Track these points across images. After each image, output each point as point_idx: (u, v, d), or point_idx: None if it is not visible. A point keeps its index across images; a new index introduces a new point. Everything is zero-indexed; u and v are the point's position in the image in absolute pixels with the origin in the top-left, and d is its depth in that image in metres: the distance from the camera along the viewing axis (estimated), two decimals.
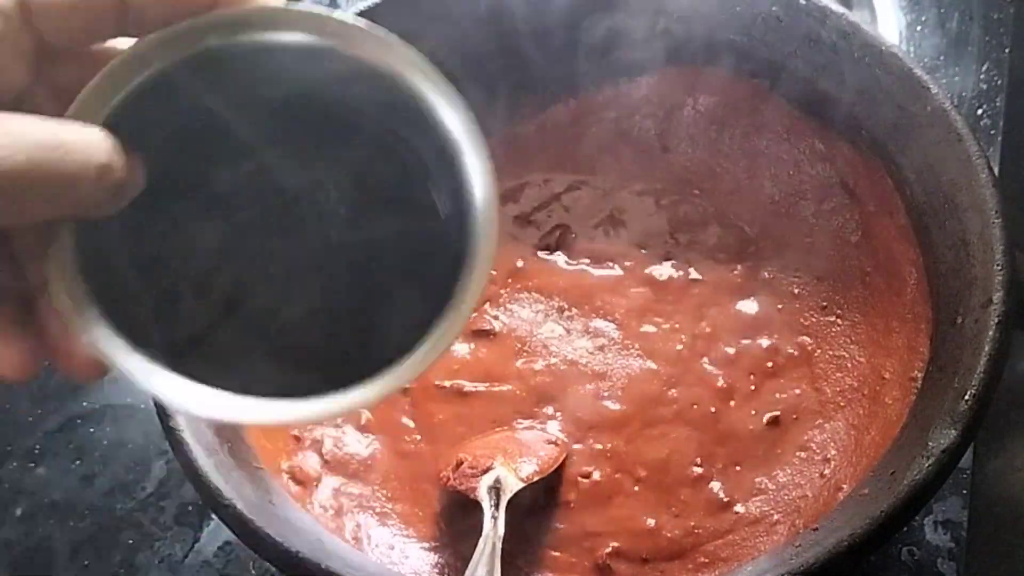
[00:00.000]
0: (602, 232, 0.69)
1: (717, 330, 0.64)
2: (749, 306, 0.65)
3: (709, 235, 0.68)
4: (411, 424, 0.62)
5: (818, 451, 0.59)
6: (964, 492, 0.61)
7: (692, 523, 0.57)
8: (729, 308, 0.65)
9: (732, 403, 0.61)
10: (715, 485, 0.59)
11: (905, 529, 0.60)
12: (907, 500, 0.47)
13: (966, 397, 0.49)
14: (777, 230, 0.67)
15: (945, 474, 0.48)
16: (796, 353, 0.63)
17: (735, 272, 0.66)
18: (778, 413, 0.61)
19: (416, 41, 0.74)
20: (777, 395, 0.61)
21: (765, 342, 0.63)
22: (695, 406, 0.61)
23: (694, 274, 0.66)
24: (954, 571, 0.59)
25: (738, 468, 0.59)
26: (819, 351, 0.63)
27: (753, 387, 0.62)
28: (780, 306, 0.64)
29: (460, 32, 0.68)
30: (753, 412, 0.61)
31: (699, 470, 0.59)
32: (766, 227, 0.67)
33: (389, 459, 0.61)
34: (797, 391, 0.61)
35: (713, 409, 0.61)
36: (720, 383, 0.62)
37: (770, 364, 0.62)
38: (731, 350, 0.63)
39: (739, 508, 0.58)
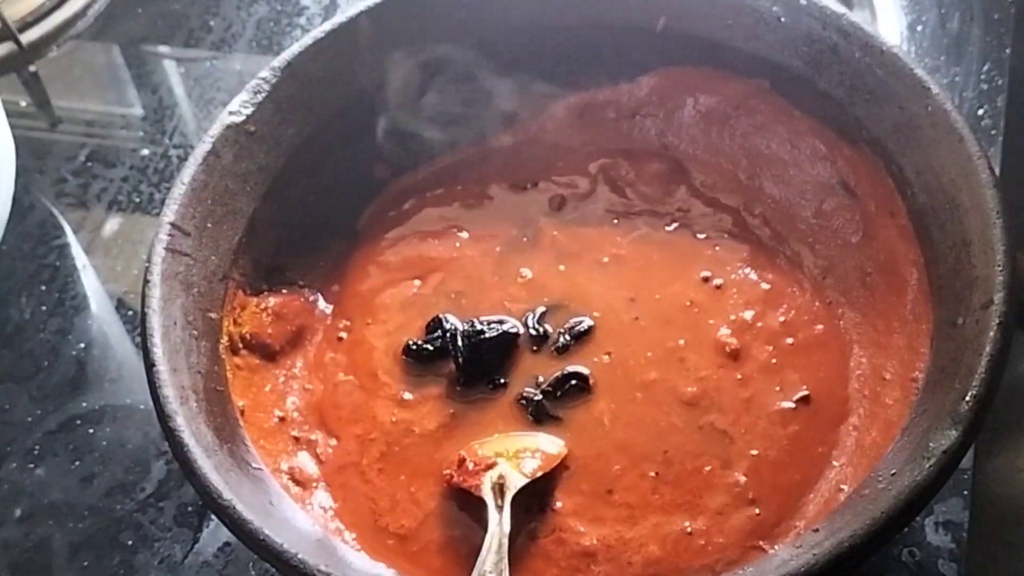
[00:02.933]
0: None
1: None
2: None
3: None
4: (407, 421, 0.62)
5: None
6: (965, 493, 0.61)
7: (697, 525, 0.57)
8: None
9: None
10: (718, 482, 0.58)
11: (906, 530, 0.59)
12: (908, 501, 0.47)
13: (967, 398, 0.49)
14: (778, 230, 0.67)
15: (946, 475, 0.48)
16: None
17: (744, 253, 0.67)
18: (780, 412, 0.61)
19: (417, 41, 0.75)
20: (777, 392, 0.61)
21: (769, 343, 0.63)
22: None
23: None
24: (955, 572, 0.59)
25: (733, 468, 0.59)
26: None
27: (752, 386, 0.62)
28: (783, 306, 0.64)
29: (460, 32, 0.68)
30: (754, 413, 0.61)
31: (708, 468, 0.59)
32: (767, 227, 0.67)
33: (388, 458, 0.61)
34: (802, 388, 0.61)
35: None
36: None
37: (774, 360, 0.62)
38: (735, 341, 0.63)
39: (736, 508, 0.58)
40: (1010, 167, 0.72)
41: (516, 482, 0.56)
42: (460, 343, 0.62)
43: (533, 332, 0.63)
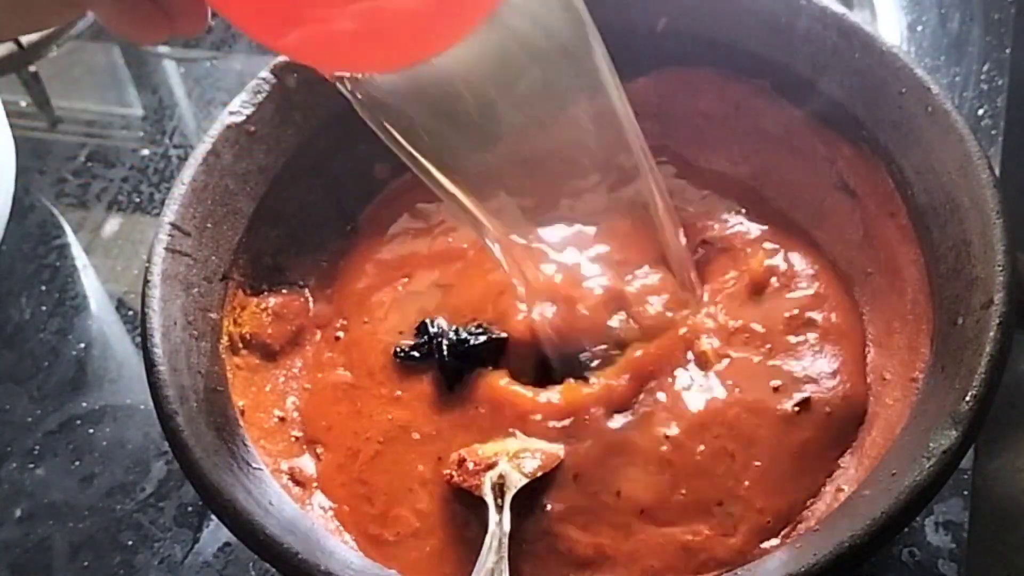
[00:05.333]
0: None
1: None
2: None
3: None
4: (406, 420, 0.62)
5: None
6: (965, 493, 0.61)
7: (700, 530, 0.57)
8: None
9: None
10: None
11: (906, 530, 0.60)
12: (908, 501, 0.47)
13: (967, 398, 0.49)
14: (777, 230, 0.67)
15: (946, 475, 0.48)
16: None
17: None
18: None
19: None
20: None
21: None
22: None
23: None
24: (955, 572, 0.59)
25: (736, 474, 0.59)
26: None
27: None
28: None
29: None
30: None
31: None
32: (766, 227, 0.67)
33: (387, 457, 0.61)
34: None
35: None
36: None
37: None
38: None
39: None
40: (1010, 167, 0.72)
41: (516, 482, 0.56)
42: (445, 351, 0.62)
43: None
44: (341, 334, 0.65)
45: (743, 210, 0.67)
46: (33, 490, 0.67)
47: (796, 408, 0.58)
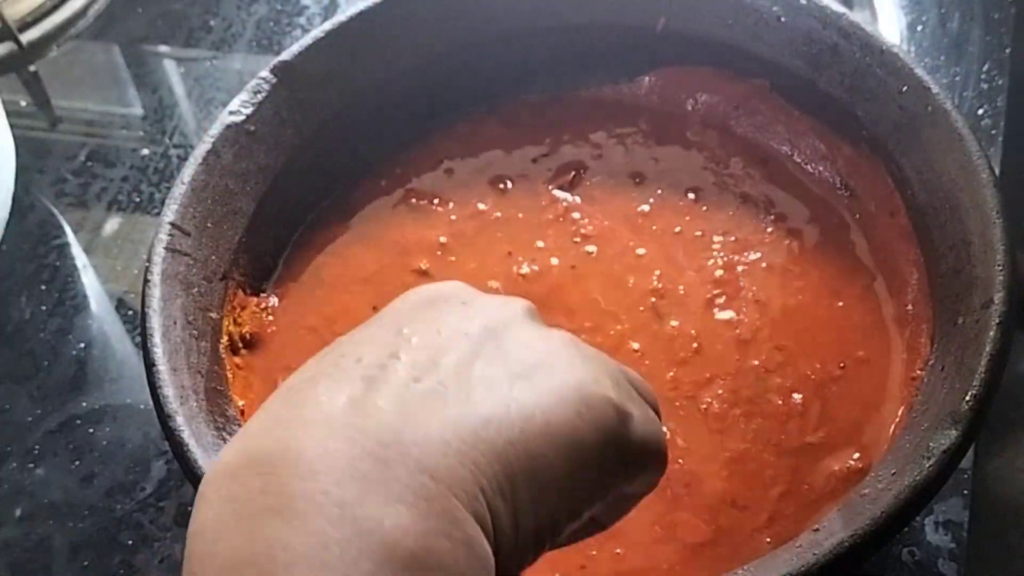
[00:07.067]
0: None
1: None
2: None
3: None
4: None
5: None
6: (965, 492, 0.61)
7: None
8: None
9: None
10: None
11: (906, 530, 0.59)
12: (908, 501, 0.47)
13: (967, 398, 0.49)
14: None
15: (946, 475, 0.48)
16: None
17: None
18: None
19: (416, 43, 0.74)
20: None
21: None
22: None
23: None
24: (955, 572, 0.59)
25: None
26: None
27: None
28: None
29: (460, 34, 0.68)
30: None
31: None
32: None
33: None
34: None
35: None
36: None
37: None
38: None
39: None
40: (1010, 167, 0.72)
41: None
42: None
43: None
44: (338, 332, 0.65)
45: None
46: (33, 490, 0.67)
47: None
